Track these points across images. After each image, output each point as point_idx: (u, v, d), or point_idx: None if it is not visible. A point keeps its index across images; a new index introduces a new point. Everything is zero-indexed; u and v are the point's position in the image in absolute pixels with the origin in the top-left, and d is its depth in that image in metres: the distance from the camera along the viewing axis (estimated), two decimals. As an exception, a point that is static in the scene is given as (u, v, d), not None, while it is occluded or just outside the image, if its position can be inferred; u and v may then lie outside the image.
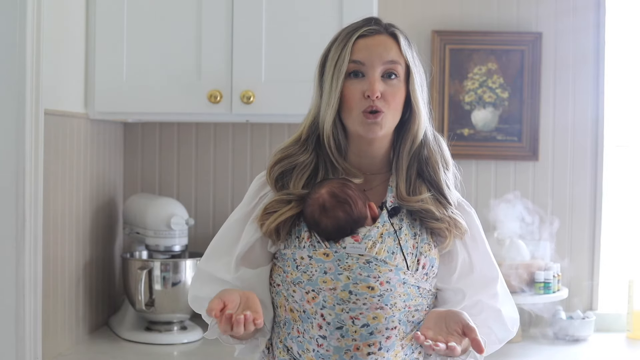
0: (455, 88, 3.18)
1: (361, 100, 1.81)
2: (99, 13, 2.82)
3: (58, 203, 2.62)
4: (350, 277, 1.76)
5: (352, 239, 1.79)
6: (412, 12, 3.18)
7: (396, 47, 1.85)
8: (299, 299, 1.80)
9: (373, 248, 1.78)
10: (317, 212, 1.80)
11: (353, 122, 1.84)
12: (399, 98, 1.84)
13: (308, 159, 1.87)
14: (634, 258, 3.26)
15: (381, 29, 1.87)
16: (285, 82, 2.79)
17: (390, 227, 1.81)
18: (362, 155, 1.89)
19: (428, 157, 1.88)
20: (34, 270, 2.39)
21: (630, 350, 2.98)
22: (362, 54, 1.83)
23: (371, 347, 1.76)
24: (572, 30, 3.18)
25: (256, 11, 2.79)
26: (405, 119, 1.88)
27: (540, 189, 3.20)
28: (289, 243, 1.82)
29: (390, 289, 1.77)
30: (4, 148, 2.34)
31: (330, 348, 1.77)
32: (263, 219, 1.83)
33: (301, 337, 1.80)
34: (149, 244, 2.93)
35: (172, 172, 3.23)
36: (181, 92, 2.82)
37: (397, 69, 1.84)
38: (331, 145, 1.87)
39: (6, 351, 2.35)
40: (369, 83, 1.81)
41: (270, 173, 1.88)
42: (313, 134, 1.89)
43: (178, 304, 2.88)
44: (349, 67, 1.83)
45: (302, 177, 1.86)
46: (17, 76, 2.34)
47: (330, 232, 1.80)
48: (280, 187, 1.87)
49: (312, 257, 1.79)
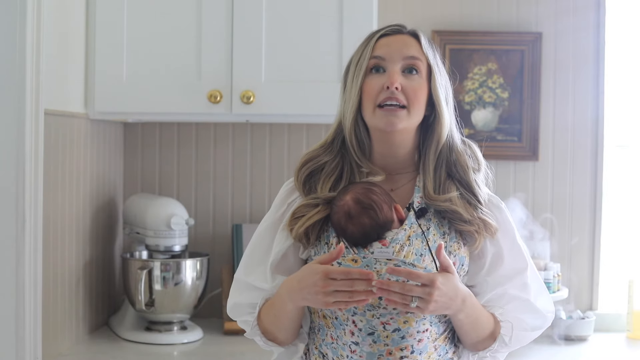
0: (455, 88, 3.17)
1: (380, 92, 1.82)
2: (99, 13, 2.82)
3: (58, 203, 2.62)
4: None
5: (380, 243, 1.79)
6: (412, 12, 3.18)
7: (417, 45, 1.87)
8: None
9: (401, 251, 1.78)
10: (343, 220, 1.80)
11: (371, 117, 1.84)
12: (420, 94, 1.84)
13: (334, 161, 1.89)
14: (634, 258, 3.26)
15: (403, 30, 1.90)
16: (285, 82, 2.79)
17: (417, 228, 1.81)
18: (385, 154, 1.89)
19: (457, 160, 1.88)
20: (34, 270, 2.39)
21: (630, 350, 2.98)
22: (382, 50, 1.85)
23: (403, 351, 1.77)
24: (572, 30, 3.18)
25: (256, 11, 2.79)
26: (430, 121, 1.89)
27: (540, 189, 3.20)
28: (319, 249, 1.83)
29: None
30: (4, 148, 2.34)
31: (364, 354, 1.77)
32: (292, 224, 1.84)
33: (335, 344, 1.81)
34: (149, 244, 2.93)
35: (172, 172, 3.23)
36: (181, 92, 2.82)
37: (417, 64, 1.85)
38: (354, 144, 1.88)
39: (6, 351, 2.35)
40: (388, 75, 1.83)
41: (298, 175, 1.90)
42: (338, 136, 1.91)
43: (178, 304, 2.88)
44: (369, 63, 1.84)
45: (329, 180, 1.87)
46: (17, 76, 2.34)
47: (357, 238, 1.80)
48: (307, 190, 1.88)
49: (341, 263, 1.78)
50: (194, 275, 2.90)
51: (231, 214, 3.22)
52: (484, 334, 1.84)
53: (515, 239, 1.91)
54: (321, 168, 1.89)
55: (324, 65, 2.79)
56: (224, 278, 3.08)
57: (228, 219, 3.22)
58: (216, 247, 3.19)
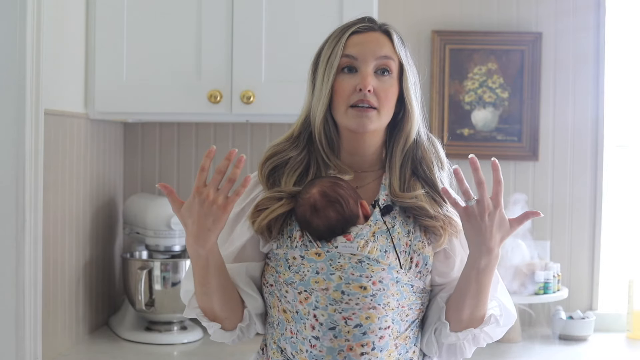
0: (455, 88, 3.18)
1: (352, 94, 1.81)
2: (99, 13, 2.82)
3: (58, 203, 2.62)
4: (342, 277, 1.75)
5: (344, 238, 1.78)
6: (412, 12, 3.18)
7: (389, 44, 1.85)
8: (292, 300, 1.79)
9: (365, 247, 1.77)
10: (309, 212, 1.79)
11: (342, 116, 1.83)
12: (391, 95, 1.84)
13: (300, 155, 1.87)
14: (634, 258, 3.26)
15: (375, 27, 1.87)
16: (285, 82, 2.79)
17: (382, 225, 1.80)
18: (353, 153, 1.88)
19: (422, 157, 1.88)
20: (34, 270, 2.39)
21: (630, 350, 2.98)
22: (355, 49, 1.83)
23: (364, 347, 1.76)
24: (572, 30, 3.18)
25: (256, 11, 2.79)
26: (399, 118, 1.88)
27: (540, 189, 3.20)
28: (281, 243, 1.81)
29: (383, 289, 1.76)
30: (4, 148, 2.34)
31: (324, 349, 1.76)
32: (254, 216, 1.82)
33: (294, 338, 1.79)
34: (149, 244, 2.93)
35: (172, 172, 3.23)
36: (181, 92, 2.82)
37: (390, 65, 1.84)
38: (322, 142, 1.86)
39: (6, 351, 2.36)
40: (361, 77, 1.81)
41: (262, 169, 1.87)
42: (305, 130, 1.89)
43: (178, 304, 2.88)
44: (341, 62, 1.82)
45: (294, 174, 1.85)
46: (17, 76, 2.34)
47: (322, 232, 1.78)
48: (271, 184, 1.86)
49: (304, 257, 1.77)
50: (194, 275, 2.90)
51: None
52: (481, 308, 1.80)
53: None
54: (285, 162, 1.87)
55: (324, 65, 2.78)
56: (224, 278, 3.08)
57: (228, 219, 3.22)
58: (216, 247, 3.19)
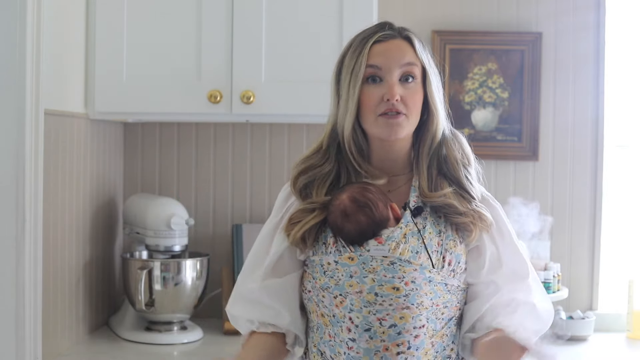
0: (455, 88, 3.18)
1: (380, 104, 1.83)
2: (99, 13, 2.82)
3: (58, 203, 2.62)
4: (375, 279, 1.78)
5: (376, 241, 1.81)
6: (412, 12, 3.18)
7: (411, 50, 1.87)
8: (328, 304, 1.82)
9: (397, 249, 1.80)
10: (340, 218, 1.82)
11: (372, 125, 1.85)
12: (417, 100, 1.86)
13: (329, 166, 1.90)
14: (634, 258, 3.26)
15: (395, 34, 1.89)
16: (285, 82, 2.79)
17: (413, 226, 1.83)
18: (383, 159, 1.91)
19: (447, 155, 1.90)
20: (34, 270, 2.39)
21: (630, 350, 2.98)
22: (379, 59, 1.85)
23: (400, 347, 1.78)
24: (572, 30, 3.18)
25: (256, 11, 2.79)
26: (424, 120, 1.90)
27: (540, 189, 3.20)
28: (317, 250, 1.85)
29: (416, 288, 1.78)
30: (4, 148, 2.34)
31: (360, 350, 1.79)
32: (289, 229, 1.86)
33: (332, 341, 1.83)
34: (149, 244, 2.93)
35: (172, 172, 3.23)
36: (181, 92, 2.82)
37: (414, 71, 1.86)
38: (352, 151, 1.89)
39: (6, 351, 2.35)
40: (388, 87, 1.83)
41: (295, 185, 1.91)
42: (333, 142, 1.91)
43: (178, 304, 2.88)
44: (366, 72, 1.84)
45: (324, 185, 1.89)
46: (17, 76, 2.34)
47: (353, 236, 1.82)
48: (304, 196, 1.89)
49: (338, 262, 1.81)
50: (194, 275, 2.90)
51: (231, 214, 3.22)
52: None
53: (513, 241, 1.91)
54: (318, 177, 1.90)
55: (324, 65, 2.75)
56: (224, 278, 3.08)
57: (228, 219, 3.22)
58: (216, 247, 3.19)
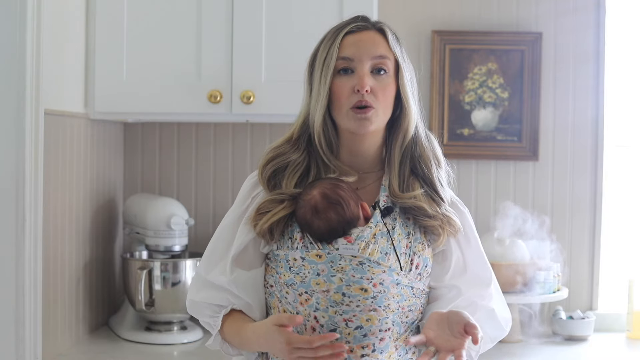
0: (455, 88, 3.18)
1: (350, 95, 1.81)
2: (99, 13, 2.82)
3: (58, 203, 2.62)
4: (343, 279, 1.76)
5: (345, 240, 1.79)
6: (412, 12, 3.18)
7: (384, 42, 1.85)
8: (292, 301, 1.79)
9: (366, 249, 1.78)
10: (309, 214, 1.79)
11: (343, 118, 1.83)
12: (388, 93, 1.83)
13: (300, 158, 1.87)
14: (634, 258, 3.26)
15: (369, 25, 1.87)
16: (285, 82, 2.79)
17: (383, 227, 1.81)
18: (354, 154, 1.88)
19: (420, 154, 1.88)
20: (34, 270, 2.39)
21: (630, 350, 2.98)
22: (350, 50, 1.83)
23: (365, 349, 1.76)
24: (572, 30, 3.18)
25: (256, 11, 2.79)
26: (396, 116, 1.88)
27: (540, 189, 3.20)
28: (282, 244, 1.82)
29: (384, 291, 1.77)
30: (4, 148, 2.34)
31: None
32: (256, 219, 1.82)
33: None
34: (149, 244, 2.93)
35: (172, 172, 3.23)
36: (181, 92, 2.82)
37: (386, 63, 1.83)
38: (322, 144, 1.86)
39: (6, 351, 2.35)
40: (358, 78, 1.81)
41: (262, 172, 1.88)
42: (304, 133, 1.89)
43: (178, 304, 2.88)
44: (337, 64, 1.82)
45: (294, 176, 1.86)
46: (17, 76, 2.34)
47: (322, 233, 1.79)
48: (272, 186, 1.86)
49: (305, 258, 1.78)
50: (194, 275, 2.90)
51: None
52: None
53: (479, 247, 1.90)
54: (286, 165, 1.87)
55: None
56: (224, 278, 3.08)
57: (228, 219, 3.22)
58: (216, 247, 3.19)
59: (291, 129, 1.91)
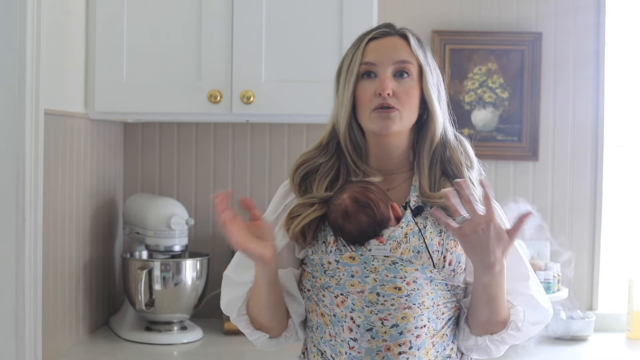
0: (455, 88, 3.18)
1: (373, 98, 1.84)
2: (99, 13, 2.82)
3: (58, 203, 2.62)
4: (377, 279, 1.79)
5: (377, 240, 1.81)
6: (412, 12, 3.18)
7: (407, 47, 1.88)
8: (329, 303, 1.82)
9: (398, 249, 1.80)
10: (341, 218, 1.82)
11: (366, 121, 1.87)
12: (412, 96, 1.86)
13: (329, 162, 1.91)
14: (634, 258, 3.26)
15: (392, 31, 1.91)
16: (285, 82, 2.79)
17: (414, 226, 1.83)
18: (381, 156, 1.91)
19: (450, 157, 1.90)
20: (34, 270, 2.39)
21: (630, 350, 2.98)
22: (373, 55, 1.87)
23: (402, 347, 1.78)
24: (572, 30, 3.18)
25: (256, 11, 2.79)
26: (424, 120, 1.90)
27: (540, 189, 3.20)
28: (316, 248, 1.85)
29: (417, 288, 1.79)
30: (4, 148, 2.34)
31: (362, 350, 1.79)
32: (288, 223, 1.86)
33: (333, 341, 1.83)
34: (149, 244, 2.93)
35: (172, 172, 3.23)
36: (181, 92, 2.82)
37: (408, 67, 1.87)
38: (349, 148, 1.90)
39: (6, 351, 2.35)
40: (380, 81, 1.84)
41: (293, 177, 1.92)
42: (334, 138, 1.93)
43: (178, 304, 2.88)
44: (360, 69, 1.86)
45: (325, 180, 1.89)
46: (17, 76, 2.34)
47: (354, 236, 1.82)
48: (303, 191, 1.90)
49: (339, 261, 1.81)
50: (194, 275, 2.90)
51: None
52: (498, 315, 1.82)
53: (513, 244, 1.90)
54: (316, 169, 1.91)
55: (324, 65, 2.77)
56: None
57: (228, 219, 3.22)
58: (216, 247, 3.19)
59: (322, 135, 1.95)
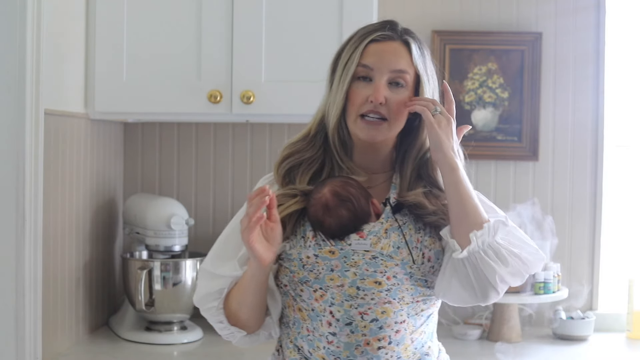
0: (455, 88, 3.17)
1: (364, 103, 1.83)
2: (99, 13, 2.82)
3: (58, 203, 2.62)
4: (357, 273, 1.79)
5: (357, 235, 1.81)
6: (412, 12, 3.18)
7: (407, 55, 1.86)
8: (307, 298, 1.82)
9: (378, 243, 1.80)
10: (321, 212, 1.82)
11: (351, 124, 1.86)
12: (403, 107, 1.85)
13: (315, 155, 1.90)
14: (634, 258, 3.26)
15: (395, 35, 1.87)
16: (285, 82, 2.79)
17: (394, 222, 1.83)
18: (365, 155, 1.91)
19: (429, 158, 1.90)
20: (33, 270, 2.39)
21: (630, 350, 2.98)
22: (371, 59, 1.84)
23: (381, 342, 1.79)
24: (572, 30, 3.18)
25: (256, 11, 2.79)
26: (415, 125, 1.90)
27: (540, 189, 3.20)
28: (294, 243, 1.84)
29: (398, 283, 1.79)
30: (4, 148, 2.34)
31: (341, 344, 1.79)
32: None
33: (311, 336, 1.82)
34: (149, 244, 2.93)
35: (172, 172, 3.23)
36: (181, 92, 2.82)
37: (404, 77, 1.85)
38: (336, 145, 1.89)
39: (6, 351, 2.35)
40: (374, 88, 1.83)
41: (278, 169, 1.91)
42: (322, 130, 1.91)
43: (178, 304, 2.88)
44: (357, 71, 1.84)
45: (308, 172, 1.89)
46: (17, 76, 2.34)
47: (334, 230, 1.81)
48: (287, 182, 1.89)
49: (318, 255, 1.81)
50: (194, 275, 2.90)
51: (231, 214, 3.21)
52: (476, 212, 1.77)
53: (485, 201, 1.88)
54: (301, 162, 1.90)
55: (324, 66, 2.74)
56: (224, 278, 3.08)
57: (228, 219, 3.19)
58: (216, 247, 3.19)
59: (309, 125, 1.93)
